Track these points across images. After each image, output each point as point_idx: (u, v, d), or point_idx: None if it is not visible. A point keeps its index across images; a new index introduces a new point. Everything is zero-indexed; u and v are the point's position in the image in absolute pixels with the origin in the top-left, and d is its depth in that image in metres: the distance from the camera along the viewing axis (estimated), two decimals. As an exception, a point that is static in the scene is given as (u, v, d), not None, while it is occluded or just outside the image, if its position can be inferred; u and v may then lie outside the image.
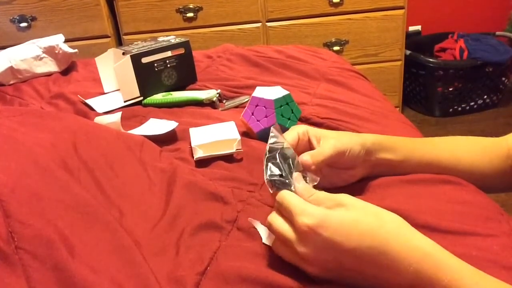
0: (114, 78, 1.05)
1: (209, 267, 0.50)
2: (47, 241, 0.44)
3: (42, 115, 0.67)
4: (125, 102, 0.99)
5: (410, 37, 2.36)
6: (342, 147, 0.57)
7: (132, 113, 0.93)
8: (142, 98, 1.00)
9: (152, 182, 0.63)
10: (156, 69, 1.02)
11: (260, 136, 0.79)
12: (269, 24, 1.98)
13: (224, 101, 0.98)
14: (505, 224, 0.56)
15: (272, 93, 0.78)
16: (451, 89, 2.30)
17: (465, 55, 2.28)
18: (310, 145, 0.59)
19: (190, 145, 0.74)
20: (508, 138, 0.65)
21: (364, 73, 1.23)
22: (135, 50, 1.00)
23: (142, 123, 0.87)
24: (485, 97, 2.36)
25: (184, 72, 1.07)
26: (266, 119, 0.77)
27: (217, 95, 0.97)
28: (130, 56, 0.97)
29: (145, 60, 1.00)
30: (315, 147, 0.58)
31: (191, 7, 1.93)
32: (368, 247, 0.43)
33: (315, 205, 0.46)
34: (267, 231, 0.53)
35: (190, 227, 0.56)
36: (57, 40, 1.23)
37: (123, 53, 1.01)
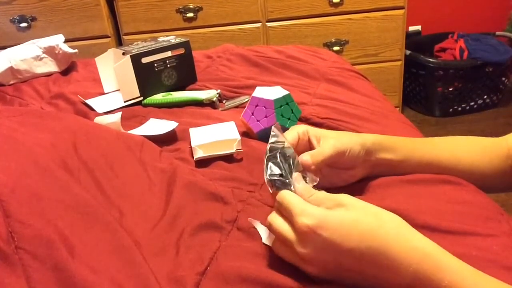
0: (114, 78, 1.05)
1: (209, 267, 0.50)
2: (47, 241, 0.44)
3: (42, 115, 0.67)
4: (125, 102, 0.99)
5: (410, 37, 2.36)
6: (342, 147, 0.57)
7: (132, 113, 0.93)
8: (142, 98, 1.00)
9: (152, 182, 0.63)
10: (156, 69, 1.02)
11: (260, 136, 0.79)
12: (269, 24, 1.98)
13: (224, 101, 0.98)
14: (505, 224, 0.56)
15: (272, 93, 0.78)
16: (451, 89, 2.30)
17: (465, 55, 2.28)
18: (310, 145, 0.59)
19: (190, 145, 0.74)
20: (508, 138, 0.65)
21: (364, 73, 1.23)
22: (135, 50, 1.00)
23: (142, 123, 0.87)
24: (485, 97, 2.36)
25: (184, 72, 1.07)
26: (266, 119, 0.77)
27: (217, 95, 0.97)
28: (130, 56, 0.97)
29: (145, 60, 1.00)
30: (315, 147, 0.58)
31: (191, 7, 1.93)
32: (367, 247, 0.43)
33: (315, 205, 0.46)
34: (267, 231, 0.53)
35: (190, 227, 0.56)
36: (57, 40, 1.23)
37: (123, 53, 1.01)
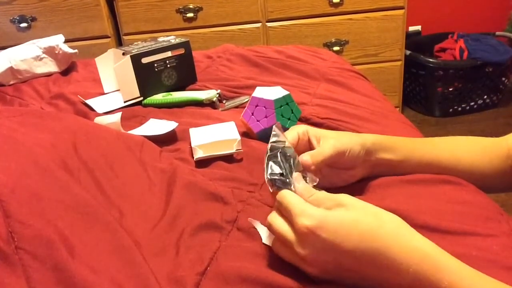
0: (114, 78, 1.05)
1: (209, 267, 0.50)
2: (47, 241, 0.44)
3: (42, 115, 0.67)
4: (125, 102, 0.99)
5: (410, 37, 2.36)
6: (342, 147, 0.57)
7: (132, 114, 0.93)
8: (142, 98, 1.00)
9: (152, 182, 0.63)
10: (156, 69, 1.02)
11: (260, 136, 0.79)
12: (269, 24, 1.98)
13: (224, 101, 0.98)
14: (505, 224, 0.56)
15: (272, 93, 0.78)
16: (451, 89, 2.30)
17: (465, 55, 2.28)
18: (310, 145, 0.59)
19: (190, 145, 0.74)
20: (508, 138, 0.65)
21: (364, 73, 1.23)
22: (135, 50, 1.00)
23: (142, 124, 0.87)
24: (485, 97, 2.36)
25: (184, 72, 1.07)
26: (266, 119, 0.77)
27: (217, 95, 0.97)
28: (130, 56, 0.97)
29: (145, 60, 1.00)
30: (315, 147, 0.58)
31: (191, 7, 1.93)
32: (367, 248, 0.43)
33: (315, 205, 0.46)
34: (267, 231, 0.53)
35: (190, 227, 0.56)
36: (57, 40, 1.23)
37: (123, 54, 1.01)
